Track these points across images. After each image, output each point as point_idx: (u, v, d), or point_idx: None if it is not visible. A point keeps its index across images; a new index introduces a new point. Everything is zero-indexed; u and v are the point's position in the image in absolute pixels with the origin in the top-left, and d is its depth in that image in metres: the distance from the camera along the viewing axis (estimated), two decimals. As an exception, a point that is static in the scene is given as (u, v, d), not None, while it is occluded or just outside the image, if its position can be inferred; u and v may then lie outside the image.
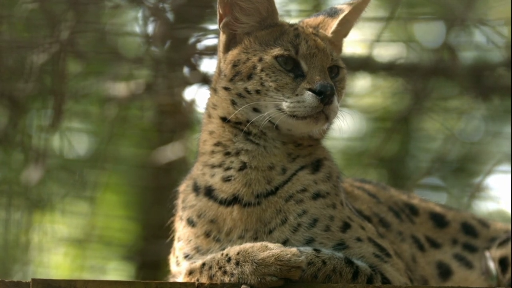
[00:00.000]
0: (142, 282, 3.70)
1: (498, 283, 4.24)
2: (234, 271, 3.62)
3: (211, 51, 6.29)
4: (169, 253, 4.02)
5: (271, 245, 3.62)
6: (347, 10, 3.98)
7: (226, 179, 3.83)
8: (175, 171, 6.99)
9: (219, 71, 3.92)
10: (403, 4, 6.61)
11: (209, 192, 3.85)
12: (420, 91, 6.67)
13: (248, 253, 3.61)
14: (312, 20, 4.04)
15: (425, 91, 6.68)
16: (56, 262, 7.37)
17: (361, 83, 6.94)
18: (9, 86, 6.28)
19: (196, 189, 3.90)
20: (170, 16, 6.53)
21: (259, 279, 3.58)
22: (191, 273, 3.75)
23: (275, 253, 3.59)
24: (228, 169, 3.83)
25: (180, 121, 6.92)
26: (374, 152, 7.01)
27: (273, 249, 3.60)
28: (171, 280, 3.88)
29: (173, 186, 4.07)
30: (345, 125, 3.90)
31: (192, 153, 6.35)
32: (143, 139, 7.37)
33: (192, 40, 6.53)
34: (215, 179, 3.85)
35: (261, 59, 3.81)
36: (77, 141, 7.09)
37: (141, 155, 7.31)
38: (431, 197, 4.69)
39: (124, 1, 6.41)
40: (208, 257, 3.74)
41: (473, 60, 6.86)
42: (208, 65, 6.48)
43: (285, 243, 3.73)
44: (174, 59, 6.53)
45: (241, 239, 3.78)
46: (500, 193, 6.96)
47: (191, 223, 3.87)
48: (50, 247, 7.08)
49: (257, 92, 3.79)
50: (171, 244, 4.02)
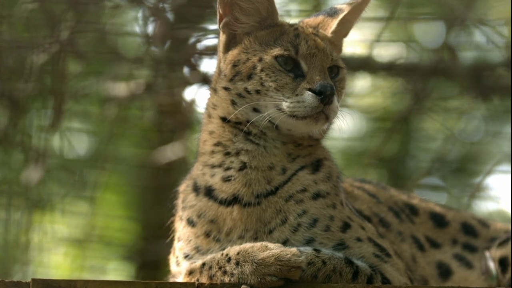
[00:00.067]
0: (142, 282, 3.70)
1: (498, 283, 4.24)
2: (234, 271, 3.62)
3: (211, 51, 6.29)
4: (169, 253, 4.02)
5: (271, 245, 3.62)
6: (347, 10, 3.98)
7: (226, 179, 3.82)
8: (175, 171, 6.99)
9: (219, 71, 3.91)
10: (403, 4, 6.61)
11: (209, 192, 3.85)
12: (420, 91, 6.67)
13: (248, 253, 3.61)
14: (312, 20, 4.04)
15: (425, 91, 6.67)
16: (56, 262, 7.37)
17: (361, 83, 6.93)
18: (9, 86, 6.28)
19: (196, 189, 3.90)
20: (170, 16, 6.52)
21: (259, 279, 3.58)
22: (191, 273, 3.75)
23: (275, 253, 3.59)
24: (228, 169, 3.83)
25: (180, 121, 6.92)
26: (374, 152, 7.00)
27: (273, 249, 3.60)
28: (171, 280, 3.88)
29: (173, 186, 4.07)
30: (345, 125, 3.89)
31: (192, 153, 6.35)
32: (143, 139, 7.37)
33: (192, 40, 6.53)
34: (215, 179, 3.84)
35: (261, 59, 3.80)
36: (77, 141, 7.08)
37: (141, 155, 7.31)
38: (431, 197, 4.68)
39: (124, 1, 6.40)
40: (208, 257, 3.73)
41: (473, 60, 6.86)
42: (208, 65, 6.48)
43: (285, 243, 3.73)
44: (174, 59, 6.52)
45: (241, 239, 3.78)
46: (500, 193, 6.96)
47: (191, 223, 3.87)
48: (50, 247, 7.08)
49: (257, 92, 3.78)
50: (171, 244, 4.02)
